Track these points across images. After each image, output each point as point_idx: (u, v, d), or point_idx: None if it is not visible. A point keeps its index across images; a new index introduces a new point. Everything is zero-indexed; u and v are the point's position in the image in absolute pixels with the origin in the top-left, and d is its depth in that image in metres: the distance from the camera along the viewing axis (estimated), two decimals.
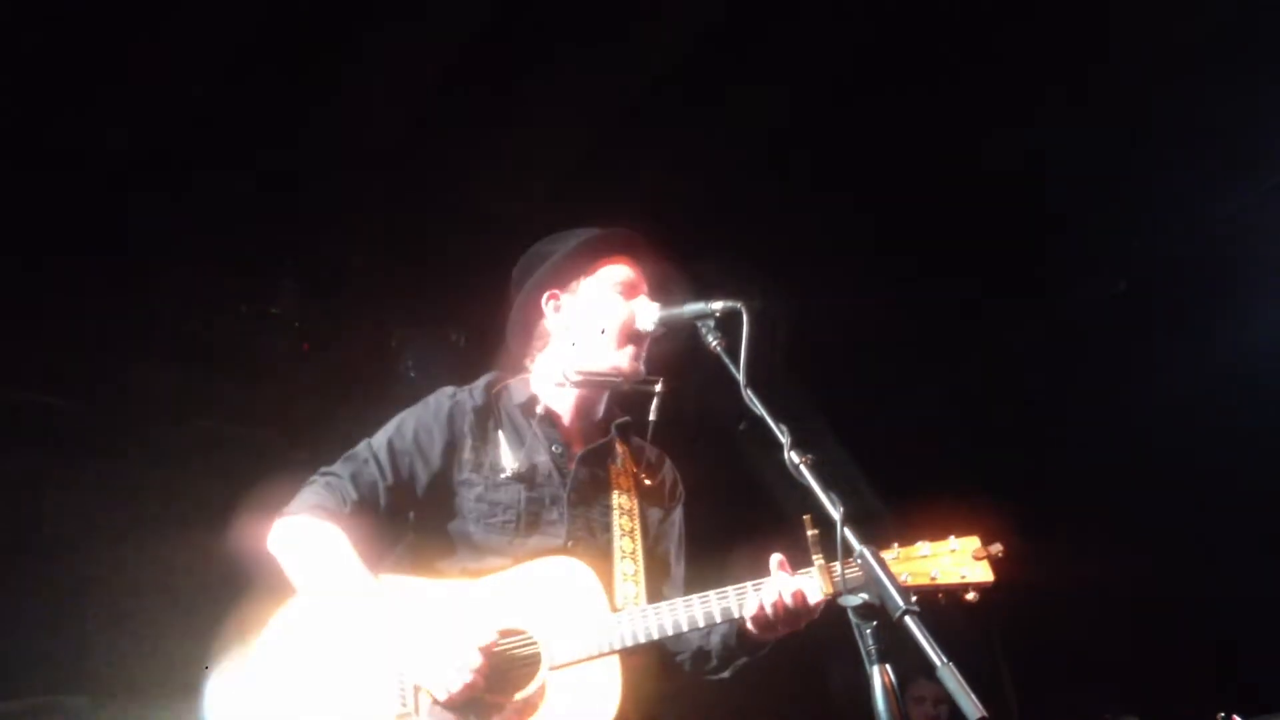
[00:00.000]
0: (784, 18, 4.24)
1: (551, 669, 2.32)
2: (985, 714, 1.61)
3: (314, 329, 5.16)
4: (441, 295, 5.08)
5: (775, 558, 2.32)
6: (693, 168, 4.78)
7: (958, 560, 2.23)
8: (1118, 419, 5.96)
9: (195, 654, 5.01)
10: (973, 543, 2.24)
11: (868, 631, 1.85)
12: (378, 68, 4.19)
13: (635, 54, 4.34)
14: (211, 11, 3.82)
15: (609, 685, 2.29)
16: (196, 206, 4.49)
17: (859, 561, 1.88)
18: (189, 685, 4.92)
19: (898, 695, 1.80)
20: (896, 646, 1.82)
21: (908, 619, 1.74)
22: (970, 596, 2.22)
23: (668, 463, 2.84)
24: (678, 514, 2.78)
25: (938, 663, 1.67)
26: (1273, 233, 5.17)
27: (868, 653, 1.84)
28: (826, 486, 1.96)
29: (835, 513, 1.92)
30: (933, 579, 2.22)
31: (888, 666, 1.82)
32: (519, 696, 2.29)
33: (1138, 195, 5.11)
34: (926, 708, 5.52)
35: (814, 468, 1.99)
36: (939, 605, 2.23)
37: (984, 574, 2.21)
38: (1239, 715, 4.29)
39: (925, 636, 1.71)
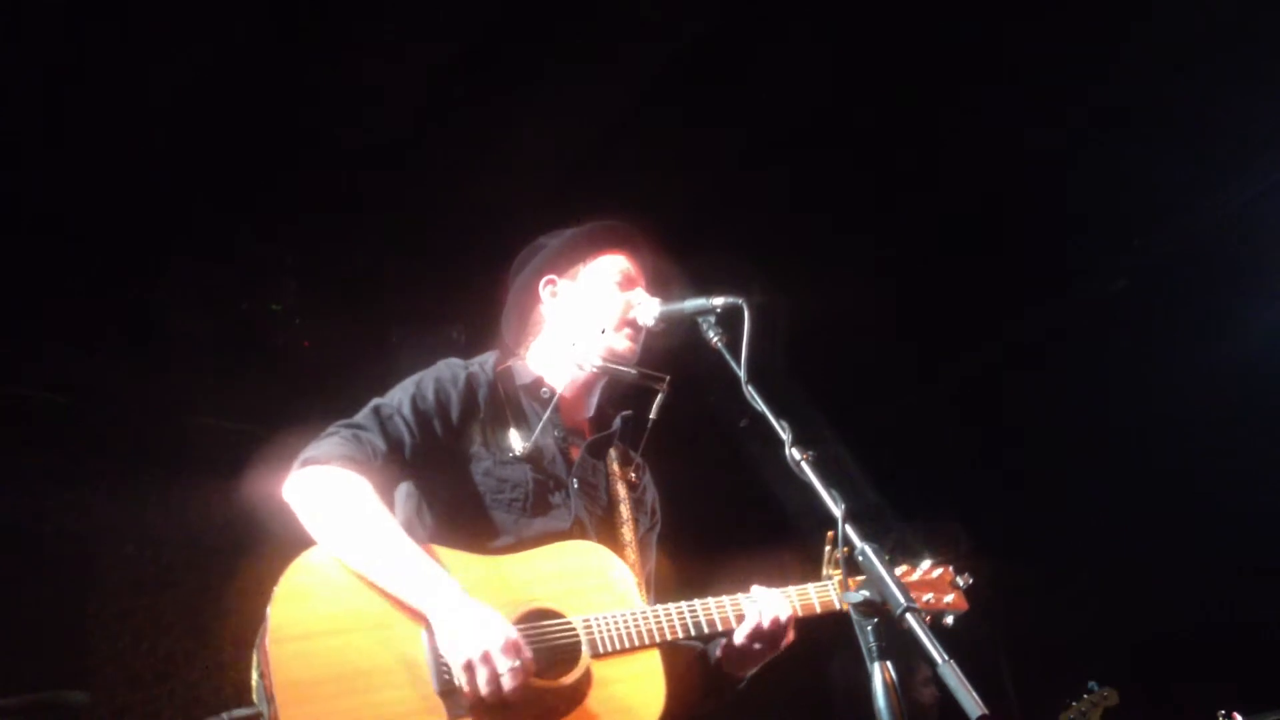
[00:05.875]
0: (785, 18, 4.25)
1: (594, 658, 2.23)
2: (986, 712, 1.61)
3: (314, 326, 5.16)
4: (441, 293, 5.07)
5: (755, 587, 2.40)
6: (693, 163, 4.78)
7: (938, 586, 2.55)
8: (1119, 417, 5.95)
9: (196, 651, 5.07)
10: (948, 573, 2.57)
11: (869, 628, 1.85)
12: (378, 66, 4.18)
13: (636, 52, 4.34)
14: (211, 8, 3.82)
15: (653, 678, 2.24)
16: (197, 203, 4.48)
17: (861, 559, 1.88)
18: (189, 682, 4.99)
19: (898, 692, 1.80)
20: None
21: (909, 616, 1.76)
22: (948, 621, 2.52)
23: (648, 476, 2.79)
24: (654, 537, 2.72)
25: (938, 660, 1.67)
26: (1273, 231, 5.17)
27: (869, 649, 1.85)
28: (827, 483, 1.97)
29: (837, 509, 1.92)
30: (925, 603, 2.49)
31: (889, 664, 1.82)
32: (567, 681, 2.19)
33: (1138, 193, 5.10)
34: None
35: (815, 464, 1.99)
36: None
37: (960, 601, 2.55)
38: (1239, 713, 4.29)
39: (926, 634, 1.72)
